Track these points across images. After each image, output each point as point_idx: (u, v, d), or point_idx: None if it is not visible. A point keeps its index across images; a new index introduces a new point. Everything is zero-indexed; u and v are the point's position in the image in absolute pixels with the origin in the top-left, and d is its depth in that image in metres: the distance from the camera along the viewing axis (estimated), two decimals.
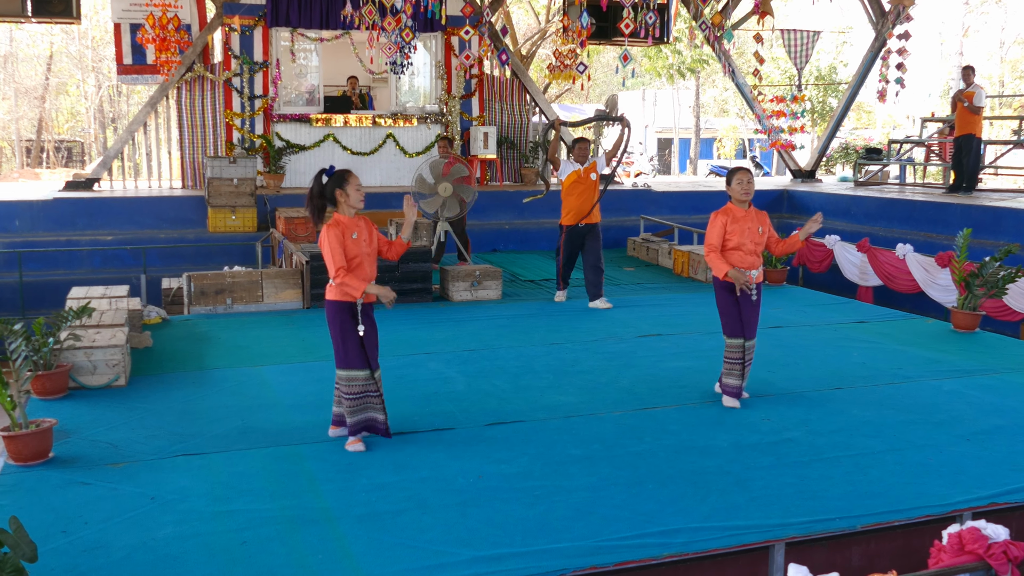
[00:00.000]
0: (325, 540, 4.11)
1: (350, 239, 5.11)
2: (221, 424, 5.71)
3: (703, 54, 24.94)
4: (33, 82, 35.86)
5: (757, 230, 5.99)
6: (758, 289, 6.05)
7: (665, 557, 4.00)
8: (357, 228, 5.15)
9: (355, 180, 5.16)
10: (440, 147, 11.16)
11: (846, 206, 14.39)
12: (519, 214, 14.54)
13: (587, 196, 9.41)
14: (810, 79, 29.69)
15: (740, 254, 5.98)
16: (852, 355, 7.56)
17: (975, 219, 11.76)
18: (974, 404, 6.19)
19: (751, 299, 6.00)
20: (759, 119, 17.35)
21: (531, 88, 16.63)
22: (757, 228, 6.00)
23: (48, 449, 5.09)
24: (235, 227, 12.88)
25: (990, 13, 37.72)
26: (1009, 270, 8.60)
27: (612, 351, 7.67)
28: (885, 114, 37.08)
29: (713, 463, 5.09)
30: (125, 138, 14.96)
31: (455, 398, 6.31)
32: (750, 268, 5.98)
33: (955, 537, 3.68)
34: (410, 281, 9.68)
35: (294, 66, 15.25)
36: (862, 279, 11.46)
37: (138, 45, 14.09)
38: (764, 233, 6.01)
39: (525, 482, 4.79)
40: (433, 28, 15.04)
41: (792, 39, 16.25)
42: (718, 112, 43.26)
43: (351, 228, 5.13)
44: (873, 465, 5.05)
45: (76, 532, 4.17)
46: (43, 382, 6.09)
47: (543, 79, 22.23)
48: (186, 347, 7.70)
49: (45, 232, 12.48)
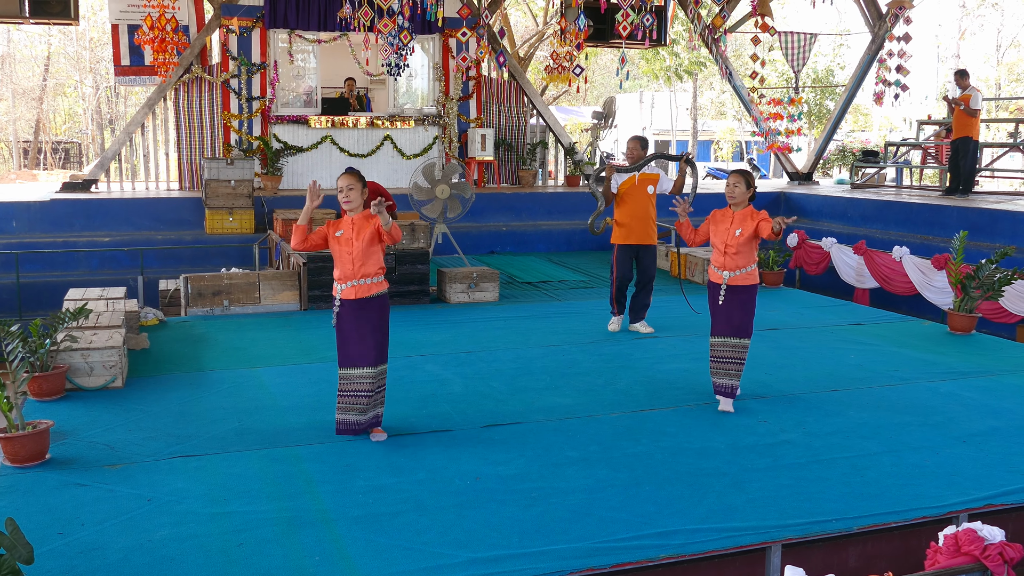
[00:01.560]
0: (322, 542, 4.12)
1: (333, 236, 5.41)
2: (218, 426, 5.71)
3: (700, 56, 24.98)
4: (30, 83, 35.83)
5: (734, 232, 5.98)
6: (732, 293, 6.02)
7: (662, 559, 4.01)
8: (346, 227, 5.39)
9: (339, 182, 5.37)
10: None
11: (843, 208, 14.41)
12: (516, 216, 14.56)
13: (640, 210, 8.22)
14: (807, 82, 29.71)
15: (714, 251, 6.15)
16: (849, 357, 7.57)
17: (971, 221, 11.78)
18: (970, 406, 6.20)
19: (717, 299, 6.09)
20: (756, 122, 17.37)
21: (529, 90, 16.63)
22: (735, 230, 5.99)
23: (45, 450, 5.09)
24: (232, 229, 12.87)
25: (987, 16, 37.87)
26: (1005, 272, 8.62)
27: (609, 353, 7.68)
28: (882, 117, 37.14)
29: (710, 465, 5.09)
30: (123, 139, 14.95)
31: (452, 400, 6.31)
32: (719, 268, 6.09)
33: (951, 539, 3.69)
34: (407, 283, 9.68)
35: (292, 68, 15.25)
36: (859, 281, 11.48)
37: (136, 46, 14.08)
38: (743, 235, 5.96)
39: (522, 484, 4.79)
40: (431, 30, 15.05)
41: (789, 42, 16.28)
42: (715, 114, 43.27)
43: (338, 227, 5.42)
44: (870, 467, 5.06)
45: (73, 534, 4.17)
46: (40, 383, 6.08)
47: (540, 81, 22.24)
48: (183, 349, 7.70)
49: (42, 233, 12.47)
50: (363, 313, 5.35)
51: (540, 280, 11.47)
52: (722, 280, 6.04)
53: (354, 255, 5.31)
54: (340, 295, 5.38)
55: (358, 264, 5.32)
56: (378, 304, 5.38)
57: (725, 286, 6.03)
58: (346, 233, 5.36)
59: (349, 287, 5.34)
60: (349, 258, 5.33)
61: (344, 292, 5.36)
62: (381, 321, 5.40)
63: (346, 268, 5.35)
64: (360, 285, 5.33)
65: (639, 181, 8.15)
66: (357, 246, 5.31)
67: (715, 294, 6.11)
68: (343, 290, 5.36)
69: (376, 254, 5.39)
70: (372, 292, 5.35)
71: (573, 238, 14.43)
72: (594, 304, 9.93)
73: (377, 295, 5.37)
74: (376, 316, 5.36)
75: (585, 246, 14.29)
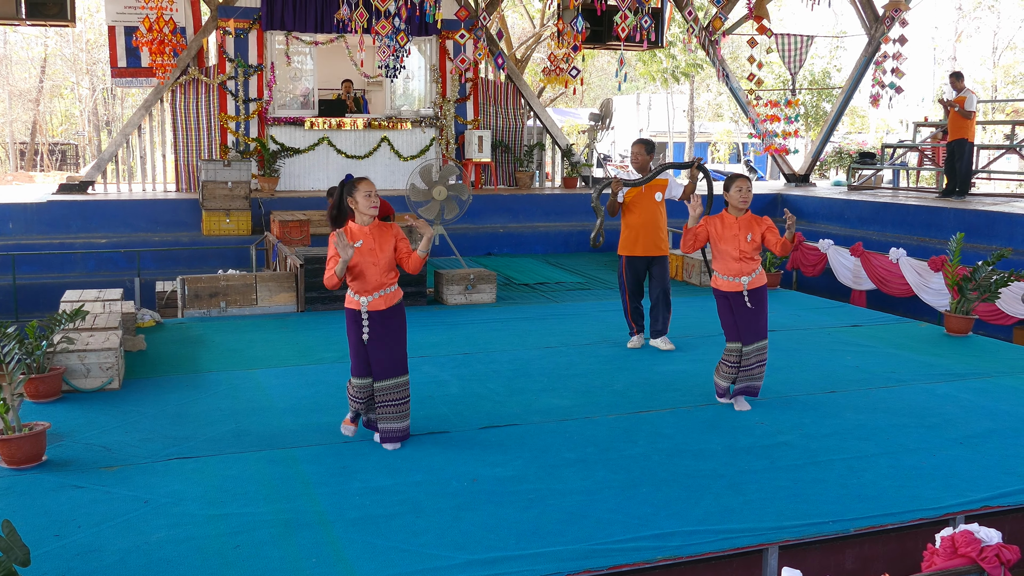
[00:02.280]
0: (319, 544, 4.11)
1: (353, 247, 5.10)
2: (215, 427, 5.70)
3: (697, 58, 25.00)
4: (27, 85, 35.79)
5: (745, 238, 5.99)
6: (754, 296, 6.01)
7: (659, 560, 4.01)
8: (364, 236, 5.11)
9: (364, 187, 5.09)
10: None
11: (840, 210, 14.43)
12: (514, 218, 14.56)
13: (648, 218, 7.73)
14: (804, 84, 29.75)
15: (723, 261, 6.05)
16: (846, 359, 7.58)
17: (968, 223, 11.80)
18: (967, 408, 6.20)
19: (745, 306, 6.00)
20: (753, 123, 17.39)
21: (526, 92, 16.65)
22: (745, 236, 5.99)
23: (41, 452, 5.08)
24: (229, 230, 12.86)
25: (983, 18, 37.92)
26: (1002, 274, 8.63)
27: (606, 355, 7.68)
28: (878, 119, 37.20)
29: (707, 466, 5.09)
30: (119, 141, 14.94)
31: (449, 401, 6.31)
32: (735, 275, 6.01)
33: (948, 540, 3.69)
34: (404, 284, 9.63)
35: (289, 69, 15.25)
36: (856, 283, 11.49)
37: (133, 48, 14.08)
38: (753, 241, 5.99)
39: (519, 485, 4.79)
40: (428, 32, 15.05)
41: (786, 44, 16.29)
42: (712, 116, 43.32)
43: (356, 237, 5.11)
44: (867, 468, 5.06)
45: (69, 536, 4.16)
46: (36, 385, 6.08)
47: (538, 83, 22.26)
48: (180, 350, 7.69)
49: (39, 235, 12.46)
50: (391, 322, 5.21)
51: (537, 282, 11.47)
52: (742, 287, 6.00)
53: (380, 265, 5.12)
54: (367, 307, 5.14)
55: (383, 273, 5.14)
56: (402, 309, 5.30)
57: (747, 292, 6.00)
58: (367, 243, 5.11)
59: (378, 298, 5.14)
60: (375, 269, 5.12)
61: (372, 304, 5.13)
62: (404, 329, 5.29)
63: (372, 279, 5.13)
64: (388, 294, 5.19)
65: (646, 188, 7.68)
66: (382, 256, 5.13)
67: (735, 303, 6.03)
68: (370, 302, 5.13)
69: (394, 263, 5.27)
70: (398, 298, 5.25)
71: (570, 240, 14.44)
72: (591, 306, 9.94)
73: (400, 300, 5.29)
74: (402, 322, 5.27)
75: (582, 248, 14.30)
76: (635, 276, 7.84)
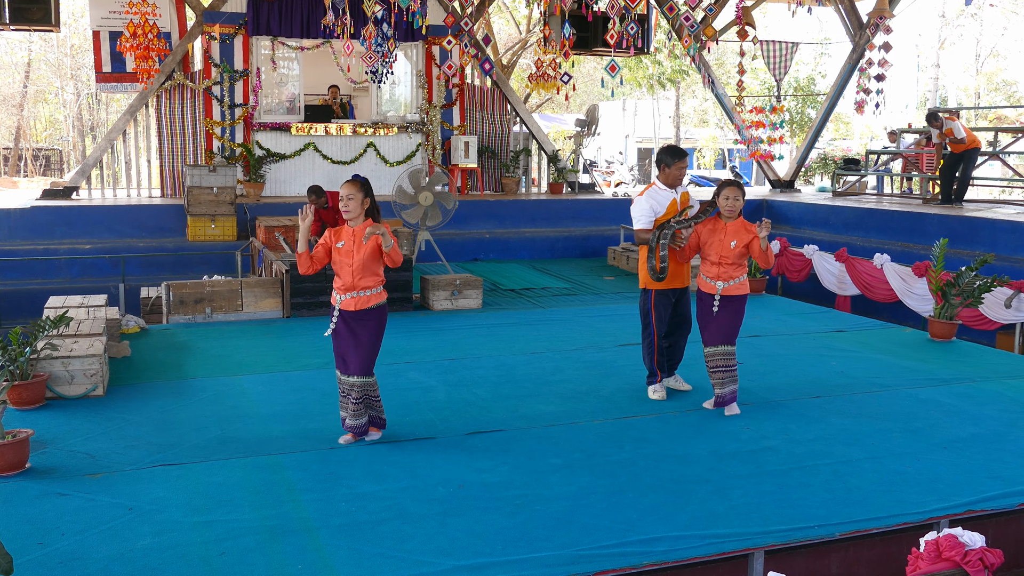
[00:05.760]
0: (305, 550, 4.10)
1: (335, 246, 5.40)
2: (200, 434, 5.68)
3: (683, 65, 25.09)
4: (11, 90, 35.57)
5: (729, 244, 6.02)
6: (726, 303, 6.07)
7: (645, 566, 4.01)
8: (345, 237, 5.38)
9: (341, 191, 5.38)
10: None
11: (824, 216, 14.49)
12: (500, 223, 14.56)
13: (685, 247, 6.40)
14: (789, 90, 29.90)
15: (705, 263, 6.17)
16: (831, 364, 7.61)
17: (952, 229, 11.88)
18: (951, 412, 6.24)
19: (711, 310, 6.10)
20: (739, 130, 17.46)
21: (512, 98, 16.67)
22: (730, 242, 6.02)
23: (25, 460, 5.04)
24: (215, 236, 12.81)
25: (966, 26, 38.18)
26: (985, 280, 8.69)
27: (592, 360, 7.69)
28: (863, 125, 37.42)
29: (693, 472, 5.11)
30: (104, 146, 14.88)
31: (436, 407, 6.30)
32: (712, 279, 6.10)
33: (932, 544, 3.71)
34: (390, 290, 9.60)
35: (275, 74, 15.22)
36: (840, 288, 11.54)
37: (117, 53, 14.01)
38: (737, 247, 6.02)
39: (506, 491, 4.79)
40: (414, 37, 15.05)
41: (771, 50, 16.38)
42: (698, 122, 43.49)
43: (339, 237, 5.40)
44: (852, 473, 5.09)
45: (53, 543, 4.14)
46: (20, 392, 6.04)
47: (524, 89, 22.28)
48: (165, 357, 7.66)
49: (22, 241, 12.38)
50: (359, 324, 5.34)
51: (523, 287, 11.48)
52: (716, 290, 6.06)
53: (354, 267, 5.29)
54: (339, 306, 5.36)
55: (357, 276, 5.30)
56: (376, 315, 5.37)
57: (719, 296, 6.06)
58: (347, 244, 5.34)
59: (348, 299, 5.33)
60: (349, 269, 5.31)
61: (343, 303, 5.34)
62: (375, 335, 5.40)
63: (346, 279, 5.33)
64: (359, 297, 5.32)
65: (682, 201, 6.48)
66: (357, 258, 5.29)
67: (707, 304, 6.13)
68: (342, 301, 5.34)
69: (376, 267, 5.37)
70: (371, 304, 5.34)
71: (556, 245, 14.45)
72: (577, 311, 9.94)
73: (376, 306, 5.37)
74: (373, 327, 5.37)
75: (568, 253, 14.32)
76: (665, 314, 6.59)
